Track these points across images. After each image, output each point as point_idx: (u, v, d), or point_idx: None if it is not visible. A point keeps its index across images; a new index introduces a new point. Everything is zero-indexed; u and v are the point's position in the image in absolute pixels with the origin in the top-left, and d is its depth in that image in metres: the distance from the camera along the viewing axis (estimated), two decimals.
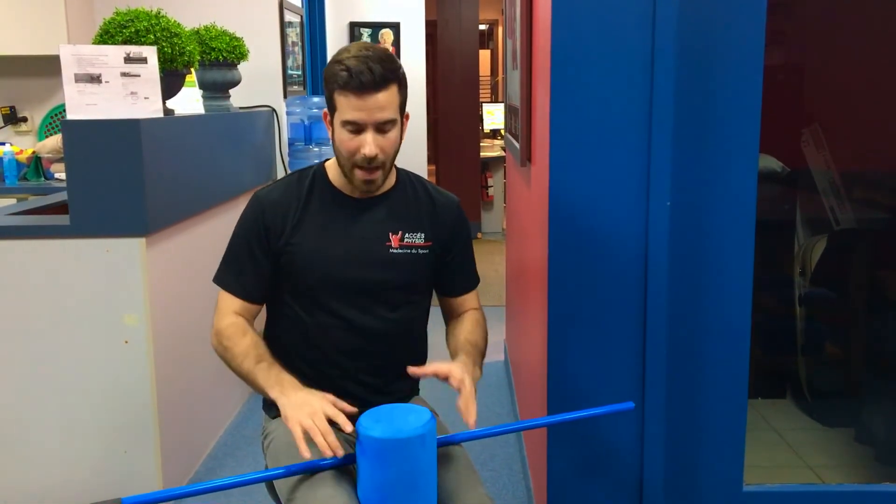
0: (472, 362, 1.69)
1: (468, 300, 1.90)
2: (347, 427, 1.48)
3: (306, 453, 1.47)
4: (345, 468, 1.59)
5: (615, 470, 1.94)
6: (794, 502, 1.97)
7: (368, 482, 1.49)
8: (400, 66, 1.67)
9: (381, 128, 1.64)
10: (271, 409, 1.83)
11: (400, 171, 1.85)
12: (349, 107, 1.61)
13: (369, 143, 1.63)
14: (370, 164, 1.66)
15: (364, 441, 1.46)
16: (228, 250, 1.79)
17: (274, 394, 1.60)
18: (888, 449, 2.66)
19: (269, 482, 1.81)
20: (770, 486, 1.98)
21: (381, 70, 1.60)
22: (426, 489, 1.50)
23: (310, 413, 1.51)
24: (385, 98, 1.61)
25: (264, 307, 1.85)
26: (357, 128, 1.63)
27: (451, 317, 1.92)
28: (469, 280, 1.90)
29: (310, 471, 1.56)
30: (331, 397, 1.56)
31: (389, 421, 1.48)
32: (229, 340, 1.70)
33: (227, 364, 1.72)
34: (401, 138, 1.72)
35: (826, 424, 2.89)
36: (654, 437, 1.90)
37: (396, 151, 1.71)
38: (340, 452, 1.49)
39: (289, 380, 1.62)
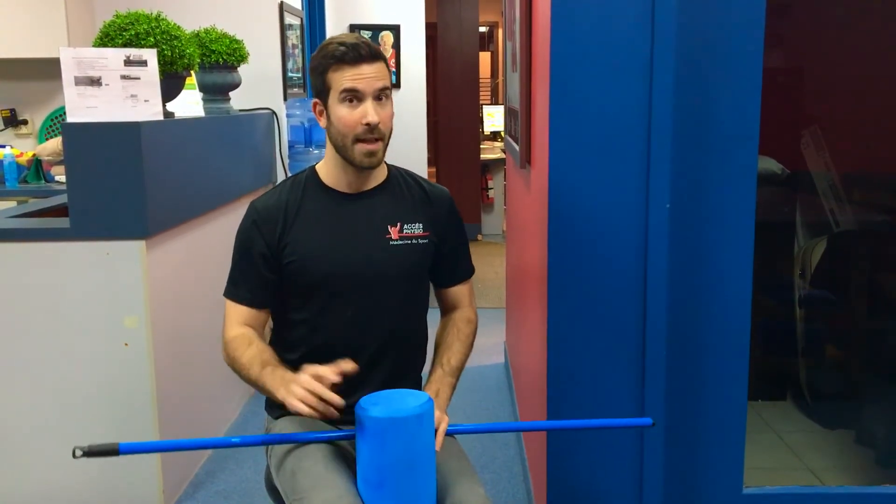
0: (437, 391, 1.75)
1: (462, 295, 1.92)
2: (335, 399, 1.53)
3: (321, 406, 1.53)
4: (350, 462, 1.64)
5: (615, 472, 1.94)
6: None
7: (368, 463, 1.52)
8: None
9: (379, 97, 1.68)
10: (274, 409, 1.84)
11: (390, 167, 1.86)
12: (347, 77, 1.66)
13: (371, 111, 1.67)
14: (372, 132, 1.69)
15: (363, 421, 1.49)
16: (232, 264, 1.81)
17: (280, 394, 1.61)
18: (888, 451, 2.66)
19: (270, 485, 1.81)
20: (770, 488, 1.98)
21: (373, 46, 1.70)
22: (425, 470, 1.53)
23: (294, 389, 1.56)
24: (379, 68, 1.69)
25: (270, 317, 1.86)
26: (357, 96, 1.67)
27: (445, 311, 1.94)
28: (464, 270, 1.92)
29: (317, 440, 1.67)
30: (311, 370, 1.59)
31: (388, 402, 1.53)
32: (236, 351, 1.73)
33: (238, 374, 1.75)
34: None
35: (826, 426, 2.89)
36: (654, 439, 1.90)
37: (391, 131, 1.75)
38: (337, 400, 1.52)
39: (291, 377, 1.63)
